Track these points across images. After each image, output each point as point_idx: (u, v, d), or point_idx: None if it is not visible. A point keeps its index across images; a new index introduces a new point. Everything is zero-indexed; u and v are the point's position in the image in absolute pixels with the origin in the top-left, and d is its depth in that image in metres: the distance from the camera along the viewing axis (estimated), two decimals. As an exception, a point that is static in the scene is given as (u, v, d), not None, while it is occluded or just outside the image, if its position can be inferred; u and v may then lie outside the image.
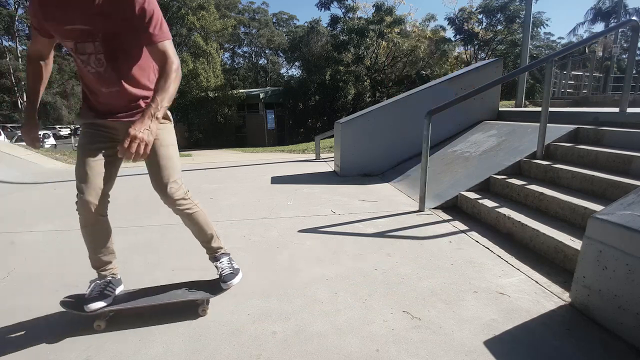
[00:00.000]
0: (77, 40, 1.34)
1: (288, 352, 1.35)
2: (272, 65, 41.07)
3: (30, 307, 1.72)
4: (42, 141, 16.14)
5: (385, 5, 21.10)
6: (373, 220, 2.86)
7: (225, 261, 1.73)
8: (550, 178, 2.73)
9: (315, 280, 1.90)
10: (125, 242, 2.55)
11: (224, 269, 1.69)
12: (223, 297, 1.73)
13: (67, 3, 1.29)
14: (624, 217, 1.40)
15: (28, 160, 6.70)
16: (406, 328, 1.47)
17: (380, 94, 21.63)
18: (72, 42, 1.35)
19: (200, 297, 1.63)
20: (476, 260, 2.07)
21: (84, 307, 1.48)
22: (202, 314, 1.61)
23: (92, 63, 1.38)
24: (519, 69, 4.03)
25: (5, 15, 29.89)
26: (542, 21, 21.72)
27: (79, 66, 1.43)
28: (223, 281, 1.66)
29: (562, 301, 1.61)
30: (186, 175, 5.07)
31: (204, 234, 1.68)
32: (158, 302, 1.59)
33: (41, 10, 1.31)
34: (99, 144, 1.49)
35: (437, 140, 4.57)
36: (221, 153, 11.25)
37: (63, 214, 3.37)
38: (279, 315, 1.59)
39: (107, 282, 1.59)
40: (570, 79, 9.89)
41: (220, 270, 1.69)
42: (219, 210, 3.28)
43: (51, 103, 30.57)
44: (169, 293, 1.65)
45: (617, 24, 9.25)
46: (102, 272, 1.60)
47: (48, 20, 1.33)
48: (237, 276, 1.70)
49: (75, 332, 1.52)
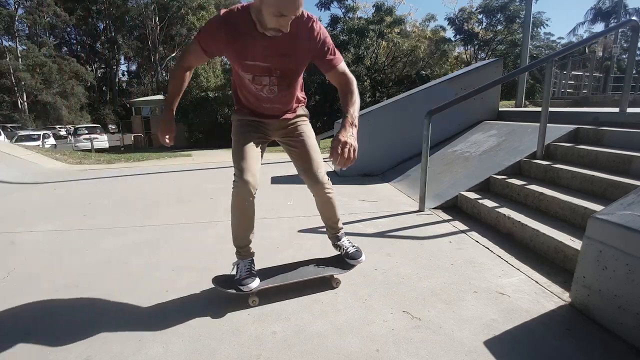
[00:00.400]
0: (255, 73, 1.50)
1: (288, 352, 1.35)
2: (272, 65, 40.96)
3: (30, 307, 1.71)
4: (43, 142, 16.15)
5: (385, 5, 21.12)
6: (373, 220, 2.86)
7: (346, 240, 1.88)
8: (550, 178, 2.73)
9: (315, 280, 1.90)
10: (125, 242, 2.55)
11: (348, 247, 1.86)
12: (223, 297, 1.74)
13: (251, 43, 1.42)
14: (624, 217, 1.40)
15: (28, 160, 6.70)
16: (406, 328, 1.47)
17: (380, 94, 21.63)
18: (251, 74, 1.50)
19: (335, 273, 1.80)
20: (476, 260, 2.07)
21: (241, 287, 1.61)
22: (336, 286, 1.81)
23: (265, 91, 1.55)
24: (519, 69, 4.03)
25: (5, 15, 29.88)
26: (542, 21, 21.74)
27: (247, 85, 1.56)
28: (352, 258, 1.83)
29: (562, 301, 1.61)
30: (186, 176, 5.09)
31: (334, 215, 1.83)
32: (301, 279, 1.74)
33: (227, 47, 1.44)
34: (254, 134, 1.64)
35: (437, 140, 4.57)
36: (221, 153, 11.25)
37: (63, 214, 3.38)
38: (278, 315, 1.59)
39: (250, 261, 1.71)
40: (570, 79, 9.90)
41: (345, 249, 1.85)
42: (219, 210, 3.28)
43: (51, 103, 30.57)
44: (302, 270, 1.81)
45: (617, 24, 9.25)
46: (245, 251, 1.71)
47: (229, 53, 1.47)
48: (362, 254, 1.86)
49: (75, 332, 1.52)
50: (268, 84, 1.52)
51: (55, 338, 1.48)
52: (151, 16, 36.56)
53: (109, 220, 3.10)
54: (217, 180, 4.83)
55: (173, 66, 1.60)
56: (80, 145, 18.08)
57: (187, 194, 4.05)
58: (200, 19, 22.76)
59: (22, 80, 28.46)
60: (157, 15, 36.17)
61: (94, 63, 42.76)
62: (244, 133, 1.63)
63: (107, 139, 20.44)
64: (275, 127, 1.69)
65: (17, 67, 28.83)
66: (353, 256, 1.83)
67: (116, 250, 2.40)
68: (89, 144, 17.69)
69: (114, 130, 33.55)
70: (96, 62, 43.03)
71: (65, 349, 1.42)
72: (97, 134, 19.64)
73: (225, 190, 4.13)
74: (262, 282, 1.67)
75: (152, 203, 3.70)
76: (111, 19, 38.30)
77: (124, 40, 40.01)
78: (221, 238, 2.58)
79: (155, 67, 38.23)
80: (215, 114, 19.77)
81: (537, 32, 23.98)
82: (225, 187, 4.27)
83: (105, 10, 37.67)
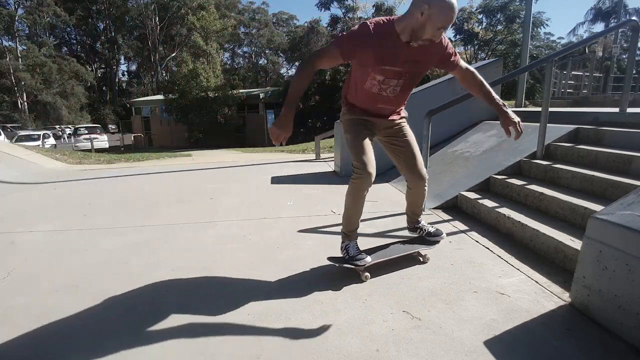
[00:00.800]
0: (387, 76, 1.68)
1: (288, 352, 1.35)
2: (272, 66, 41.06)
3: (30, 307, 1.71)
4: (43, 142, 16.15)
5: (385, 6, 21.13)
6: (373, 220, 2.86)
7: (423, 222, 2.15)
8: (550, 178, 2.73)
9: (315, 280, 1.90)
10: (125, 242, 2.55)
11: (427, 228, 2.11)
12: (223, 297, 1.74)
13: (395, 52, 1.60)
14: (624, 217, 1.40)
15: (28, 160, 6.70)
16: (406, 328, 1.47)
17: (380, 94, 21.62)
18: (382, 76, 1.67)
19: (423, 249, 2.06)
20: (476, 260, 2.07)
21: (358, 262, 1.82)
22: (425, 261, 2.05)
23: (388, 91, 1.73)
24: (519, 69, 4.03)
25: (5, 15, 29.88)
26: (542, 21, 21.76)
27: (368, 87, 1.73)
28: (435, 235, 2.08)
29: (562, 301, 1.61)
30: (186, 176, 5.09)
31: (420, 206, 2.09)
32: (399, 255, 1.98)
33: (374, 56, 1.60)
34: (366, 131, 1.82)
35: (437, 140, 4.57)
36: (221, 153, 11.25)
37: (63, 214, 3.38)
38: (278, 315, 1.59)
39: (356, 241, 1.91)
40: (570, 79, 9.89)
41: (426, 229, 2.10)
42: (219, 210, 3.28)
43: (51, 103, 30.57)
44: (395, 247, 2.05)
45: (617, 24, 9.26)
46: (354, 234, 1.89)
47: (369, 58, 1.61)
48: (443, 232, 2.12)
49: (75, 332, 1.52)
50: (394, 85, 1.71)
51: (55, 338, 1.48)
52: (151, 16, 36.56)
53: (109, 220, 3.10)
54: (217, 180, 4.83)
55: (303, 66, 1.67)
56: (80, 145, 18.06)
57: (187, 194, 4.05)
58: (200, 19, 22.71)
59: (22, 80, 28.45)
60: (157, 15, 36.18)
61: (94, 63, 42.74)
62: (360, 130, 1.80)
63: (107, 139, 20.43)
64: (382, 126, 1.88)
65: (17, 67, 28.83)
66: (435, 234, 2.08)
67: (116, 250, 2.40)
68: (89, 144, 17.67)
69: (114, 130, 33.55)
70: (96, 62, 43.02)
71: (65, 349, 1.42)
72: (97, 134, 19.62)
73: (225, 190, 4.15)
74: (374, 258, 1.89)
75: (152, 203, 3.70)
76: (111, 19, 38.29)
77: (124, 40, 40.01)
78: (221, 238, 2.58)
79: (155, 67, 38.24)
80: (215, 114, 19.73)
81: (537, 32, 24.01)
82: (226, 187, 4.29)
83: (105, 10, 37.65)
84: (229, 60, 41.29)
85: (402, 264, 2.01)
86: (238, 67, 39.96)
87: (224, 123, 20.00)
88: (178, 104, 19.57)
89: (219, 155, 9.70)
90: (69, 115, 32.65)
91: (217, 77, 20.08)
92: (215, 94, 19.63)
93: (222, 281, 1.93)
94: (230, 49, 40.40)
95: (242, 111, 21.26)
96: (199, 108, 19.35)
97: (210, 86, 19.38)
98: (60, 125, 29.45)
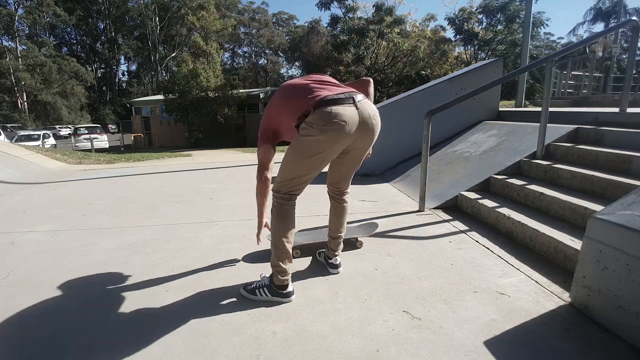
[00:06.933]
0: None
1: (288, 352, 1.35)
2: (272, 65, 41.04)
3: (30, 307, 1.71)
4: (43, 142, 16.15)
5: (385, 5, 21.11)
6: (373, 220, 2.85)
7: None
8: (550, 178, 2.73)
9: (315, 280, 1.90)
10: (125, 242, 2.55)
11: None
12: (223, 297, 1.74)
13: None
14: (624, 217, 1.40)
15: (28, 160, 6.70)
16: (406, 328, 1.47)
17: (380, 94, 21.63)
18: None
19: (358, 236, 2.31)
20: (476, 260, 2.07)
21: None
22: (360, 246, 2.29)
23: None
24: (519, 69, 4.02)
25: (5, 15, 29.87)
26: (542, 21, 21.75)
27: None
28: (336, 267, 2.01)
29: (562, 301, 1.61)
30: (186, 176, 5.09)
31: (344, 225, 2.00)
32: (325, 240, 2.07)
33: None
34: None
35: (437, 140, 4.57)
36: (221, 153, 11.25)
37: (63, 214, 3.38)
38: (278, 315, 1.59)
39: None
40: (570, 79, 9.89)
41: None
42: (219, 210, 3.28)
43: (51, 103, 30.58)
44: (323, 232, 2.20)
45: (617, 24, 9.25)
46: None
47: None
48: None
49: (76, 332, 1.52)
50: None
51: (54, 338, 1.48)
52: (151, 16, 36.57)
53: (109, 220, 3.10)
54: (217, 180, 4.83)
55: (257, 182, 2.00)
56: (80, 145, 18.07)
57: (187, 194, 4.05)
58: (200, 19, 22.70)
59: (22, 80, 28.47)
60: (157, 15, 36.18)
61: (94, 63, 42.75)
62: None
63: (107, 139, 20.43)
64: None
65: (17, 67, 28.84)
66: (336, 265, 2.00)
67: (116, 250, 2.41)
68: (89, 144, 17.68)
69: (114, 130, 33.54)
70: (96, 62, 43.02)
71: (65, 349, 1.42)
72: (97, 134, 19.63)
73: (225, 190, 4.15)
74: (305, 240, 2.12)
75: (152, 203, 3.70)
76: (111, 19, 38.29)
77: (124, 40, 40.02)
78: (221, 238, 2.58)
79: (155, 67, 38.25)
80: (215, 114, 19.71)
81: (537, 32, 24.02)
82: (226, 187, 4.29)
83: (105, 10, 37.67)
84: (229, 60, 41.29)
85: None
86: (238, 67, 39.94)
87: (224, 123, 19.99)
88: (178, 104, 19.55)
89: (218, 155, 9.70)
90: (69, 115, 32.66)
91: (217, 77, 20.05)
92: (215, 94, 19.62)
93: (222, 281, 1.93)
94: (230, 49, 40.39)
95: (242, 111, 21.25)
96: (199, 108, 19.34)
97: (210, 86, 19.36)
98: (60, 125, 29.47)
